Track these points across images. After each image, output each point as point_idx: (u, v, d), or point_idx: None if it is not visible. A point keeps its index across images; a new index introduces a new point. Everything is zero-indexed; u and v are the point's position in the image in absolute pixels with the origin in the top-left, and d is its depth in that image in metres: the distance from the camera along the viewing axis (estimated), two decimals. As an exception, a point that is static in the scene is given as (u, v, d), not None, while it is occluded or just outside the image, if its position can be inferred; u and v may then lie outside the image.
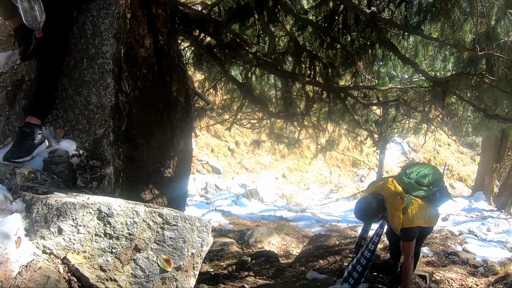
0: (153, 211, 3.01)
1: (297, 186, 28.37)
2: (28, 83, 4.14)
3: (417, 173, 5.85)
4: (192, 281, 3.15)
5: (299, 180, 29.44)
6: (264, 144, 17.46)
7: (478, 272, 8.26)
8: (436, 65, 11.54)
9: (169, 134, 5.79)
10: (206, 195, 21.45)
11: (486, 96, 9.49)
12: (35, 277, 2.56)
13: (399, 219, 5.53)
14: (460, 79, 8.93)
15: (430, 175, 5.90)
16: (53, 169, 3.70)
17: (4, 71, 4.29)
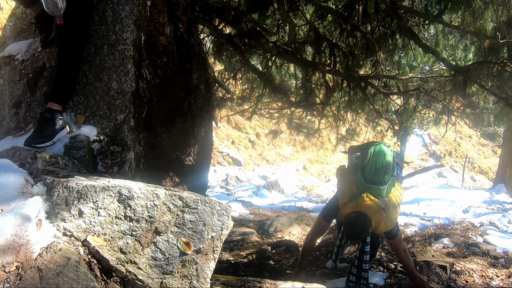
0: (173, 194, 3.02)
1: (317, 178, 28.33)
2: (49, 70, 4.18)
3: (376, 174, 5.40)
4: (212, 264, 3.16)
5: (320, 171, 29.41)
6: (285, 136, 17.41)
7: (498, 263, 8.19)
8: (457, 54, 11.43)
9: (190, 122, 5.80)
10: (226, 186, 21.47)
11: (507, 86, 9.39)
12: (55, 259, 2.59)
13: (383, 227, 5.40)
14: (481, 68, 8.84)
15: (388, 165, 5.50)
16: (74, 154, 3.73)
17: (25, 59, 4.34)
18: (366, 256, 5.54)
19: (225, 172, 23.91)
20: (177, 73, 5.44)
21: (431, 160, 35.91)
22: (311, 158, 30.01)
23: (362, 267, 5.57)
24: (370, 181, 5.32)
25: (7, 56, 4.46)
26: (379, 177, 5.33)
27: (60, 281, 2.52)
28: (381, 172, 5.36)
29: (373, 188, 5.30)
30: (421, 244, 9.22)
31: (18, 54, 4.43)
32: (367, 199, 5.25)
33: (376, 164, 5.41)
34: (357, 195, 5.33)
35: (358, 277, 5.59)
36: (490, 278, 7.33)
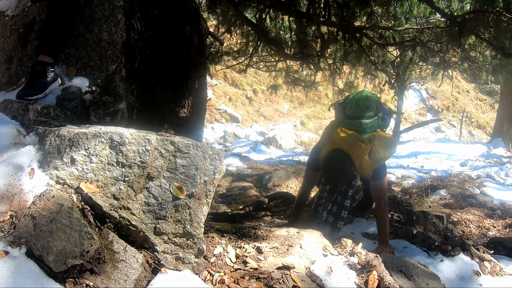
0: (165, 139, 3.03)
1: (315, 133, 28.37)
2: (40, 24, 4.17)
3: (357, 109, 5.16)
4: (205, 209, 3.19)
5: (318, 127, 29.44)
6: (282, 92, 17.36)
7: (495, 214, 8.28)
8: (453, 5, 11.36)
9: (183, 74, 5.79)
10: (224, 143, 21.54)
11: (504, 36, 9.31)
12: (48, 206, 2.61)
13: (369, 164, 4.91)
14: (477, 17, 8.77)
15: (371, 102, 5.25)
16: (66, 105, 3.74)
17: (15, 14, 4.34)
18: (347, 201, 5.31)
19: (223, 129, 23.95)
20: (169, 26, 5.41)
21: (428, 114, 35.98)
22: (308, 113, 30.02)
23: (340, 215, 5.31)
24: (351, 117, 5.12)
25: (-3, 12, 4.45)
26: (359, 112, 5.10)
27: (54, 228, 2.55)
28: (362, 106, 5.15)
29: (353, 123, 5.05)
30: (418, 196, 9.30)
31: (8, 10, 4.43)
32: (341, 132, 4.90)
33: (356, 101, 5.23)
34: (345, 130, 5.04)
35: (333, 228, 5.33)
36: (486, 229, 7.41)
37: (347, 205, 5.28)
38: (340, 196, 5.33)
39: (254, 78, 28.18)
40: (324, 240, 4.24)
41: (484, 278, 4.74)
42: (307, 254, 3.86)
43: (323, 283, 3.50)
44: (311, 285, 3.46)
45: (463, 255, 5.08)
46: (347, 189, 5.32)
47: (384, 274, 3.63)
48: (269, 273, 3.41)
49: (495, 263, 5.09)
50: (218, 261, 3.52)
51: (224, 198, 9.09)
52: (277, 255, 3.80)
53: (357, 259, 3.85)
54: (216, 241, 3.77)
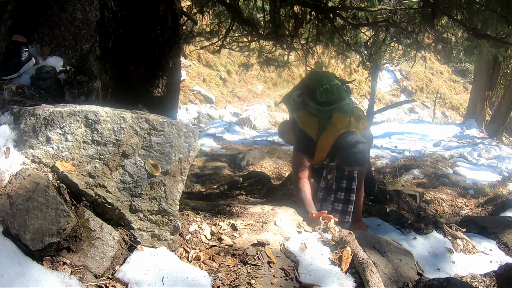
0: (140, 117, 3.06)
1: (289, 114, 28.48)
2: (13, 4, 4.12)
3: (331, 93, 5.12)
4: (180, 186, 3.22)
5: (291, 108, 29.53)
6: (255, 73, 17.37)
7: (468, 193, 8.42)
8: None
9: (157, 54, 5.78)
10: (198, 124, 21.53)
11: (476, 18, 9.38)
12: (24, 184, 2.63)
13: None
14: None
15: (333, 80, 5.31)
16: (40, 85, 3.75)
17: (-12, -6, 4.29)
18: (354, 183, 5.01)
19: (197, 110, 23.91)
20: (143, 5, 5.40)
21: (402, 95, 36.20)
22: (282, 94, 29.93)
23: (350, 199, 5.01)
24: (329, 103, 5.09)
25: (-32, -8, 4.41)
26: (334, 95, 5.11)
27: (30, 206, 2.57)
28: (333, 89, 5.15)
29: (339, 106, 5.07)
30: (392, 175, 9.41)
31: (-19, -11, 4.39)
32: (341, 117, 4.93)
33: (322, 85, 5.17)
34: (325, 121, 5.01)
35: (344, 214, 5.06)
36: (459, 208, 7.54)
37: (354, 187, 5.01)
38: (346, 181, 5.02)
39: (228, 59, 28.13)
40: (298, 217, 4.30)
41: (457, 255, 4.83)
42: (282, 231, 3.91)
43: (298, 259, 3.56)
44: (286, 261, 3.52)
45: (436, 233, 5.17)
46: (351, 171, 5.02)
47: (358, 250, 3.69)
48: (244, 250, 3.46)
49: (468, 240, 5.19)
50: (193, 238, 3.56)
51: (199, 178, 9.11)
52: (252, 232, 3.85)
53: (331, 236, 3.91)
54: (191, 219, 3.81)
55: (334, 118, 4.92)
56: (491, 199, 7.91)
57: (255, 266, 3.31)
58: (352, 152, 4.74)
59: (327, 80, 5.23)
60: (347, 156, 4.79)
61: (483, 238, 5.52)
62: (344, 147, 4.78)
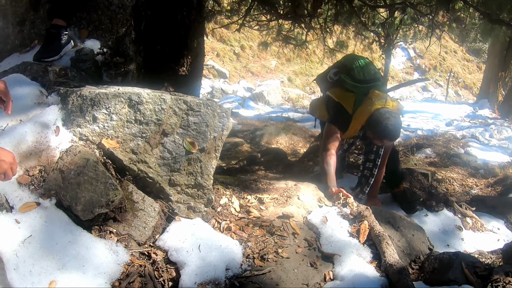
0: (179, 99, 3.31)
1: (302, 90, 28.45)
2: (51, -12, 4.34)
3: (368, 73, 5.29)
4: (214, 162, 3.50)
5: (305, 83, 29.49)
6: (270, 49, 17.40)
7: (478, 173, 8.51)
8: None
9: (183, 34, 5.98)
10: (212, 99, 21.56)
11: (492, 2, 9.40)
12: (75, 160, 2.90)
13: None
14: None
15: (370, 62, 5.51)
16: (80, 66, 3.99)
17: (26, -22, 4.50)
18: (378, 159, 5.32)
19: (210, 84, 23.92)
20: (170, -13, 5.59)
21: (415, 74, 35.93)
22: (296, 70, 30.03)
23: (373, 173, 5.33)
24: (366, 81, 5.22)
25: (7, -23, 4.62)
26: (370, 74, 5.25)
27: (81, 180, 2.84)
28: (369, 68, 5.30)
29: (373, 85, 5.21)
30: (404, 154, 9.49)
31: (18, -27, 4.59)
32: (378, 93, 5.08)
33: (359, 64, 5.32)
34: (361, 97, 5.13)
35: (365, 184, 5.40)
36: (469, 187, 7.67)
37: (378, 163, 5.30)
38: (374, 155, 5.33)
39: (242, 34, 28.06)
40: (319, 193, 4.53)
41: (466, 232, 5.05)
42: (304, 205, 4.17)
43: (319, 231, 3.82)
44: (309, 233, 3.79)
45: (446, 211, 5.38)
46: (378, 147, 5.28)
47: (375, 224, 3.94)
48: (270, 222, 3.74)
49: (477, 219, 5.39)
50: (224, 210, 3.82)
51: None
52: (277, 205, 4.11)
53: (350, 210, 4.16)
54: (221, 193, 4.07)
55: (371, 94, 5.07)
56: (500, 180, 8.02)
57: (281, 237, 3.58)
58: (386, 125, 4.81)
59: (364, 61, 5.38)
60: (380, 129, 4.87)
61: (492, 217, 5.71)
62: (378, 120, 4.86)
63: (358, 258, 3.57)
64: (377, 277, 3.38)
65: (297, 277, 3.23)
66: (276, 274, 3.17)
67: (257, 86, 25.53)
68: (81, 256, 2.66)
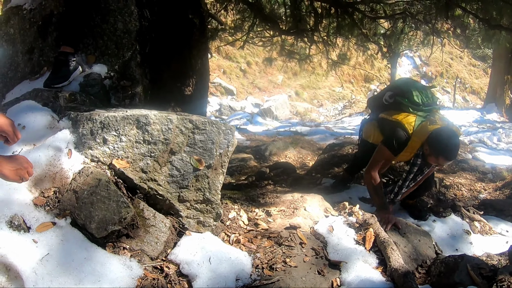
0: (184, 118, 3.45)
1: (310, 103, 28.61)
2: (57, 17, 4.49)
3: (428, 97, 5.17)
4: (221, 178, 3.63)
5: (312, 97, 29.65)
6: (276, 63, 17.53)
7: (486, 178, 8.53)
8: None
9: (187, 55, 6.12)
10: (221, 116, 21.67)
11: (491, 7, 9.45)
12: (88, 181, 3.04)
13: None
14: (464, -11, 8.98)
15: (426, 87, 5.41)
16: (89, 91, 4.13)
17: (33, 8, 4.67)
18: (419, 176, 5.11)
19: (218, 102, 24.07)
20: (173, 10, 5.72)
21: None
22: (302, 83, 30.18)
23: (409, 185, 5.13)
24: (425, 104, 5.10)
25: (14, 6, 4.77)
26: (428, 97, 5.15)
27: (94, 199, 2.98)
28: (427, 92, 5.22)
29: (432, 109, 5.12)
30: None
31: (25, 4, 4.73)
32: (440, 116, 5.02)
33: (417, 88, 5.21)
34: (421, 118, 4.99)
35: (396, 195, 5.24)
36: (478, 192, 7.71)
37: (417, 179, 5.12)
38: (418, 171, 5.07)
39: (247, 50, 28.25)
40: (325, 203, 4.66)
41: (474, 236, 5.10)
42: (311, 215, 4.29)
43: (326, 240, 3.94)
44: (316, 242, 3.91)
45: (454, 216, 5.44)
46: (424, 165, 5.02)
47: (380, 231, 4.05)
48: (278, 233, 3.87)
49: (485, 223, 5.45)
50: (233, 224, 3.96)
51: (227, 169, 9.33)
52: (284, 217, 4.24)
53: (355, 219, 4.28)
54: (230, 207, 4.21)
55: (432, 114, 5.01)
56: (508, 183, 8.05)
57: (289, 247, 3.71)
58: (447, 143, 4.61)
59: (421, 85, 5.41)
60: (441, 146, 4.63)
61: (500, 220, 5.74)
62: (441, 137, 4.65)
63: (364, 264, 3.69)
64: (383, 281, 3.49)
65: (305, 285, 3.34)
66: (284, 283, 3.29)
67: (264, 101, 25.68)
68: (96, 272, 2.77)
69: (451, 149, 4.56)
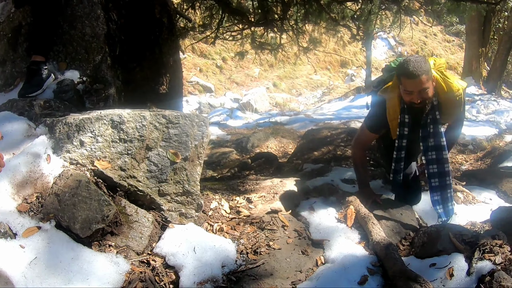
0: (157, 114, 3.53)
1: (289, 93, 28.65)
2: (26, 28, 4.53)
3: None
4: (199, 169, 3.71)
5: (291, 87, 29.69)
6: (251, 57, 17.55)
7: (467, 149, 8.70)
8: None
9: (158, 54, 6.19)
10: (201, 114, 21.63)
11: None
12: (68, 183, 3.11)
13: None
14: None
15: None
16: (63, 97, 4.19)
17: (1, 21, 4.69)
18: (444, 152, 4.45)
19: (197, 100, 24.02)
20: (140, 10, 5.78)
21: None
22: (279, 74, 30.20)
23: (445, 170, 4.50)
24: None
25: (-17, 21, 4.82)
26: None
27: (76, 200, 3.05)
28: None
29: None
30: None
31: (-6, 18, 4.79)
32: None
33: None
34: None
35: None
36: (459, 164, 7.86)
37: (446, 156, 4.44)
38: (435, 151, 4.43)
39: (222, 46, 28.26)
40: (305, 186, 4.74)
41: (458, 207, 5.17)
42: (292, 199, 4.38)
43: (308, 221, 4.05)
44: (298, 224, 4.01)
45: (436, 189, 5.55)
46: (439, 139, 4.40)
47: (360, 207, 4.14)
48: (260, 218, 3.96)
49: (468, 193, 5.53)
50: (215, 213, 4.04)
51: (209, 165, 9.41)
52: (265, 202, 4.33)
53: (335, 198, 4.37)
54: (211, 197, 4.29)
55: None
56: (489, 152, 8.22)
57: (272, 230, 3.80)
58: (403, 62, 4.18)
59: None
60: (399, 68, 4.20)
61: (483, 189, 5.84)
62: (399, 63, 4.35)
63: (347, 240, 3.79)
64: (366, 255, 3.59)
65: (290, 265, 3.44)
66: (269, 265, 3.38)
67: (243, 95, 25.69)
68: (84, 271, 2.84)
69: (407, 64, 4.03)
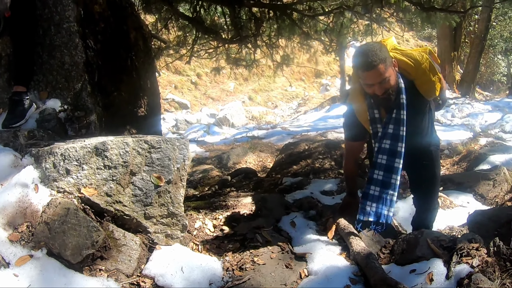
0: (139, 140, 3.65)
1: (265, 106, 28.80)
2: (6, 58, 4.59)
3: None
4: (182, 191, 3.83)
5: (266, 99, 29.84)
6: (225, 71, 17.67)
7: (443, 154, 8.82)
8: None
9: (135, 77, 6.26)
10: (178, 131, 21.61)
11: None
12: (57, 211, 3.21)
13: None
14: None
15: None
16: (46, 126, 4.27)
17: (-19, 52, 4.77)
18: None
19: (174, 117, 24.00)
20: (115, 36, 5.86)
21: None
22: (255, 88, 30.34)
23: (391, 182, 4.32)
24: None
25: (-37, 52, 4.88)
26: None
27: (66, 228, 3.15)
28: None
29: None
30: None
31: (-27, 49, 4.85)
32: None
33: None
34: None
35: None
36: (436, 169, 8.01)
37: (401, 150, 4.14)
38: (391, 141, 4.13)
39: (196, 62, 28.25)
40: (285, 201, 4.88)
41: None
42: (273, 214, 4.51)
43: (290, 235, 4.18)
44: (280, 238, 4.13)
45: (413, 196, 5.69)
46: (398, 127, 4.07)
47: (340, 219, 4.28)
48: (243, 235, 4.08)
49: (445, 197, 5.68)
50: (199, 232, 4.17)
51: (190, 183, 9.43)
52: (247, 219, 4.45)
53: (315, 212, 4.51)
54: (194, 217, 4.41)
55: None
56: (464, 156, 8.36)
57: (255, 247, 3.92)
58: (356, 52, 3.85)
59: None
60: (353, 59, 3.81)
61: (460, 193, 6.02)
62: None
63: (328, 252, 3.92)
64: (348, 266, 3.72)
65: (275, 280, 3.55)
66: (255, 280, 3.50)
67: (219, 110, 25.77)
68: (77, 295, 2.94)
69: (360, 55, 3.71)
